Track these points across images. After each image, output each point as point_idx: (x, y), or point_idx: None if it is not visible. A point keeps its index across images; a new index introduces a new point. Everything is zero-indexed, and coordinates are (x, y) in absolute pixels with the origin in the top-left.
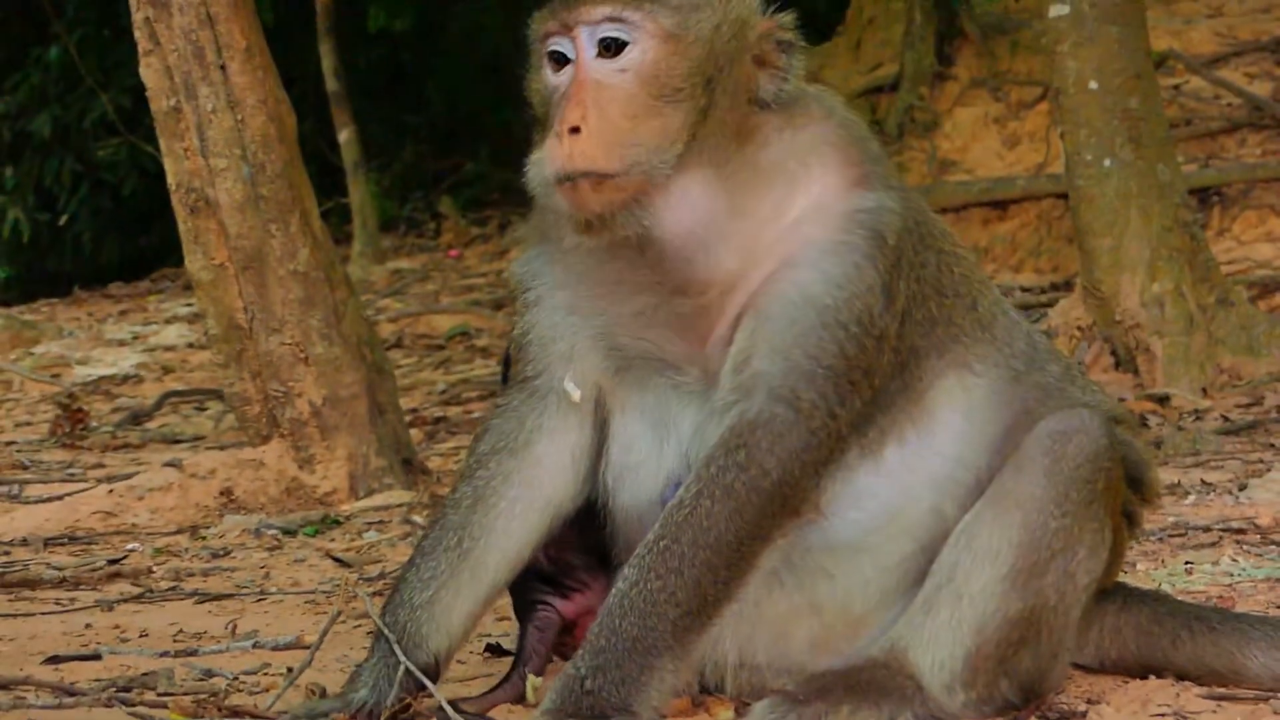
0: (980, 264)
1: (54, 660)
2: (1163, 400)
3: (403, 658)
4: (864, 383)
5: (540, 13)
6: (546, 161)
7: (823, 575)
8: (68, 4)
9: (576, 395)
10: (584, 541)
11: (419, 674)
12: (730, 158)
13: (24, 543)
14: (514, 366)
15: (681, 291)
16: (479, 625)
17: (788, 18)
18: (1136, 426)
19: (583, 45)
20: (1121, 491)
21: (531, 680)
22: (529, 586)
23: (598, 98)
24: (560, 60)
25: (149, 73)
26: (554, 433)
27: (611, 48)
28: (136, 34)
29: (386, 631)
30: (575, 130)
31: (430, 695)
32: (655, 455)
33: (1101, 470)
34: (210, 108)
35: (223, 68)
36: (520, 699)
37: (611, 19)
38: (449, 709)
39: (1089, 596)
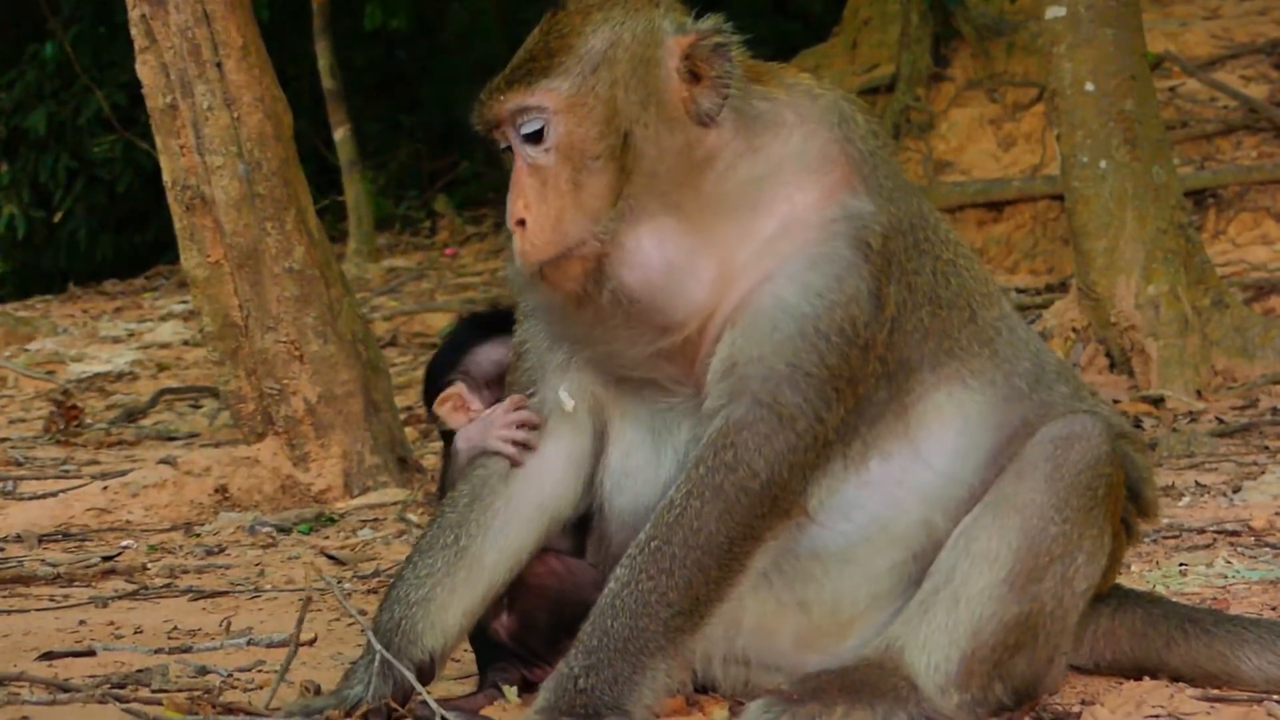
0: (990, 277)
1: (48, 656)
2: (1157, 402)
3: (382, 651)
4: (848, 391)
5: (472, 114)
6: (513, 259)
7: (811, 580)
8: (63, 1)
9: (570, 405)
10: (553, 625)
11: (403, 669)
12: (682, 196)
13: (18, 539)
14: (510, 373)
15: (661, 332)
16: (475, 623)
17: (709, 21)
18: (1143, 445)
19: (511, 136)
20: (1122, 498)
21: (508, 689)
22: (489, 656)
23: (533, 184)
24: (509, 151)
25: (145, 70)
26: (553, 436)
27: (534, 136)
28: (133, 31)
29: (365, 626)
30: (521, 223)
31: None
32: (653, 461)
33: (1102, 477)
34: (206, 105)
35: (219, 65)
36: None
37: (519, 110)
38: (434, 705)
39: (1086, 601)
